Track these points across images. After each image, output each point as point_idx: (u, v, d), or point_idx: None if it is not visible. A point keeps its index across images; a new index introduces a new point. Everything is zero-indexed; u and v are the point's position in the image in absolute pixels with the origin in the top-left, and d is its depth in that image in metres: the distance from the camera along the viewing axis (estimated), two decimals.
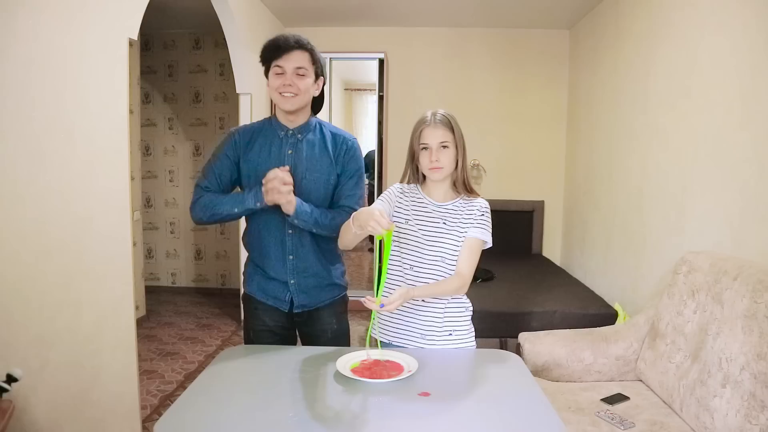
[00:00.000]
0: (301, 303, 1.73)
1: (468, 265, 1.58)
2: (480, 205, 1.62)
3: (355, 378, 1.34)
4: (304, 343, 1.85)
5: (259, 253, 1.72)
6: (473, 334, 1.68)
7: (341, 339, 1.83)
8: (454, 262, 1.60)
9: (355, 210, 1.57)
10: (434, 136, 1.56)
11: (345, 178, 1.72)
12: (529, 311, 2.91)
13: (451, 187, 1.64)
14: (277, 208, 1.63)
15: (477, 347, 1.67)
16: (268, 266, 1.71)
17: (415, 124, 1.62)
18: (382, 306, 1.38)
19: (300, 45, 1.62)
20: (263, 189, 1.57)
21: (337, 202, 1.72)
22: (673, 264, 2.27)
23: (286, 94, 1.62)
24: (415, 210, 1.65)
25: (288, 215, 1.60)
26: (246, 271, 1.79)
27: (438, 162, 1.57)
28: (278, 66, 1.61)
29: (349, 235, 1.49)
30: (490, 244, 1.62)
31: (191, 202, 1.69)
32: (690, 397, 1.78)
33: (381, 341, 1.67)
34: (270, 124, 1.73)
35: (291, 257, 1.70)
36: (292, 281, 1.71)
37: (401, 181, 1.72)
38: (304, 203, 1.62)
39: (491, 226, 1.62)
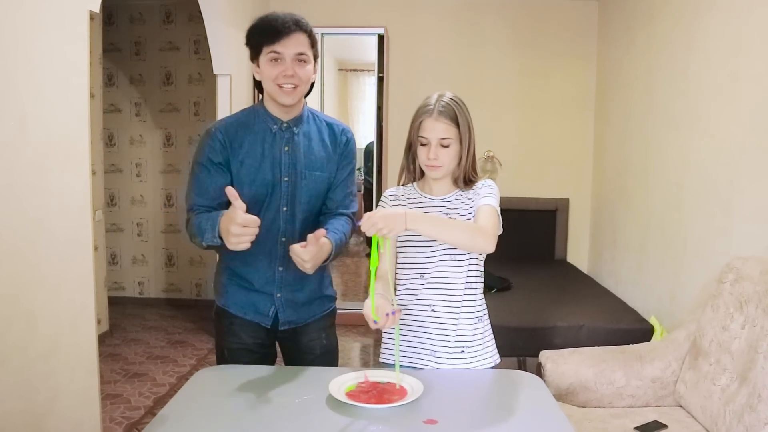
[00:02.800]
0: (288, 319, 1.74)
1: (485, 220, 1.52)
2: (480, 183, 1.64)
3: (350, 403, 1.34)
4: (287, 362, 1.85)
5: (242, 262, 1.70)
6: (490, 350, 1.68)
7: (330, 356, 1.83)
8: (466, 259, 1.61)
9: (352, 211, 1.75)
10: (434, 131, 1.57)
11: (340, 177, 1.75)
12: (552, 326, 2.92)
13: (451, 182, 1.66)
14: (266, 210, 1.66)
15: (499, 363, 1.68)
16: (252, 277, 1.71)
17: (416, 109, 1.62)
18: (357, 224, 1.42)
19: (300, 26, 1.60)
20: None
21: (333, 209, 1.75)
22: (717, 271, 2.27)
23: (286, 86, 1.61)
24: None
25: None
26: (220, 281, 1.78)
27: (436, 160, 1.58)
28: (275, 52, 1.59)
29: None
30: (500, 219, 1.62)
31: (188, 235, 1.64)
32: (737, 424, 1.78)
33: (387, 362, 1.67)
34: (257, 115, 1.70)
35: (281, 268, 1.70)
36: (278, 295, 1.71)
37: (398, 179, 1.74)
38: (333, 234, 1.61)
39: (498, 201, 1.60)
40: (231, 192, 1.43)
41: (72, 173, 2.12)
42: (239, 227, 1.39)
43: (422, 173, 1.68)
